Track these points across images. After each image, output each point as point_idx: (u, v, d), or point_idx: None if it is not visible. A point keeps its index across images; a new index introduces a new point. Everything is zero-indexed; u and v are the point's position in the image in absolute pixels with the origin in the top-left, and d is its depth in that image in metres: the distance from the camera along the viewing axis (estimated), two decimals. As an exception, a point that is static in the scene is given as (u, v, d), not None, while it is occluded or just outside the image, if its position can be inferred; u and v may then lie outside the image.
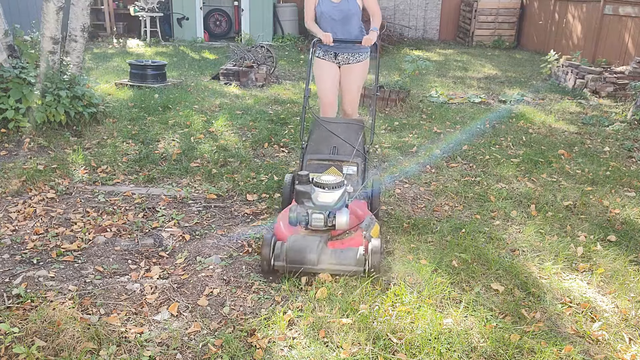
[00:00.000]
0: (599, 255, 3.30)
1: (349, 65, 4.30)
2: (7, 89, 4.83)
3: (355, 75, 4.32)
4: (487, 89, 8.33)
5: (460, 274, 3.01)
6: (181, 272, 3.01)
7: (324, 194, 2.90)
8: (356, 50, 4.23)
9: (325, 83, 4.36)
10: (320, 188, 2.93)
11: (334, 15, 4.08)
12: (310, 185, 2.96)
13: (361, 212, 3.30)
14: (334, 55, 4.29)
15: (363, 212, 3.30)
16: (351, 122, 3.76)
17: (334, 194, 2.90)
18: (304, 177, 2.96)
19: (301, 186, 2.95)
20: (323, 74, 4.36)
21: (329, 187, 2.92)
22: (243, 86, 7.86)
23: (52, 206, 3.76)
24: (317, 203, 2.90)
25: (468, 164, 4.90)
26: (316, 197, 2.90)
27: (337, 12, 4.08)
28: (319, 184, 2.95)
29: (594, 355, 2.41)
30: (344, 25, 4.14)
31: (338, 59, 4.30)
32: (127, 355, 2.31)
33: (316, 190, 2.93)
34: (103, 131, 5.34)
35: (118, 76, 8.16)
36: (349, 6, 4.10)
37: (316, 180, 2.96)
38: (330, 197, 2.90)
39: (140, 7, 12.14)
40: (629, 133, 5.93)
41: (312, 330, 2.50)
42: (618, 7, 9.23)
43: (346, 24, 4.14)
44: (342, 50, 4.24)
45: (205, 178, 4.35)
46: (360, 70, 4.33)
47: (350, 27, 4.16)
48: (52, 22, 5.10)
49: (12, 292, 2.71)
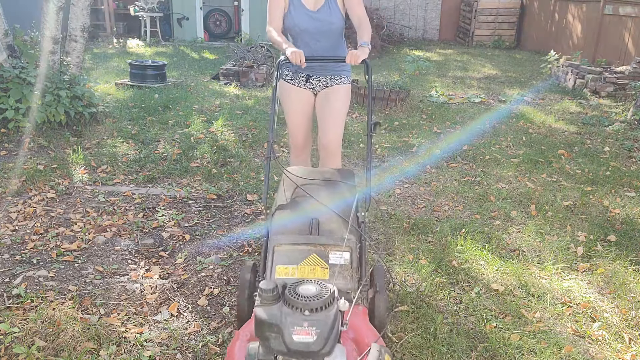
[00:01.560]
0: (599, 255, 3.30)
1: (328, 89, 3.17)
2: (7, 89, 4.83)
3: (337, 102, 3.15)
4: (487, 89, 8.33)
5: (460, 274, 3.02)
6: (181, 272, 3.02)
7: (302, 328, 1.70)
8: (337, 71, 3.16)
9: (295, 117, 3.25)
10: (297, 311, 1.72)
11: (310, 27, 3.00)
12: (279, 304, 1.75)
13: (363, 337, 2.03)
14: (305, 78, 3.18)
15: (366, 336, 2.04)
16: (337, 176, 2.70)
17: (318, 323, 1.70)
18: (270, 294, 1.74)
19: (265, 310, 1.73)
20: (292, 104, 3.23)
21: (310, 309, 1.71)
22: (243, 86, 7.86)
23: (52, 206, 3.76)
24: (291, 346, 1.69)
25: (468, 164, 4.90)
26: (290, 334, 1.69)
27: (313, 23, 3.00)
28: (293, 303, 1.72)
29: (594, 355, 2.41)
30: (322, 42, 3.06)
31: (312, 83, 3.18)
32: (127, 355, 2.31)
33: (288, 319, 1.71)
34: (103, 131, 5.34)
35: (118, 76, 8.17)
36: (331, 17, 3.00)
37: (288, 295, 1.75)
38: (313, 330, 1.70)
39: (140, 7, 12.14)
40: (629, 133, 5.93)
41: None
42: (618, 7, 9.23)
43: (325, 39, 3.06)
44: (317, 73, 3.14)
45: (205, 178, 4.35)
46: (343, 93, 3.18)
47: (330, 44, 3.08)
48: (52, 22, 5.10)
49: (12, 292, 2.71)
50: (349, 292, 2.11)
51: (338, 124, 3.16)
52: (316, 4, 3.01)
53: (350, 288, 2.12)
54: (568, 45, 10.91)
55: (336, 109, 3.15)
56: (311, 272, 2.13)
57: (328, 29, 3.02)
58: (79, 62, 5.60)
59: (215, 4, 13.28)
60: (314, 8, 3.01)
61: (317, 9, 3.00)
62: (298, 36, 3.04)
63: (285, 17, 3.03)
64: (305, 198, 2.47)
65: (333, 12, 3.01)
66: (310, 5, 3.02)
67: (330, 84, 3.17)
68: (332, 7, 3.01)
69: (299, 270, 2.13)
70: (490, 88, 8.43)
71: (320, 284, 1.80)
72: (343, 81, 3.18)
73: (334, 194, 2.51)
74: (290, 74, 3.19)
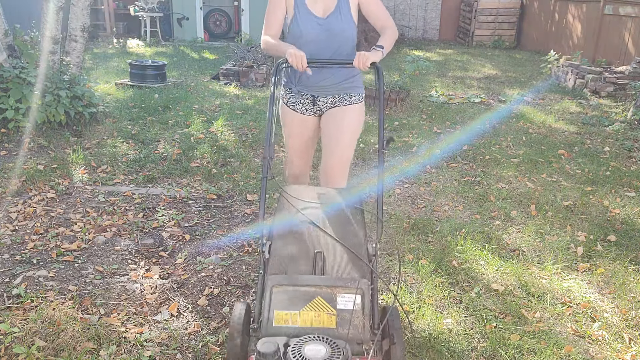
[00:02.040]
0: (599, 255, 3.30)
1: (336, 109, 2.76)
2: (7, 89, 4.83)
3: (346, 125, 2.73)
4: (487, 89, 8.33)
5: (460, 274, 3.02)
6: (181, 272, 3.02)
7: None
8: (346, 89, 2.74)
9: (295, 141, 2.89)
10: None
11: (318, 36, 2.63)
12: None
13: None
14: (311, 100, 2.76)
15: None
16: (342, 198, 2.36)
17: None
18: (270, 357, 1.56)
19: None
20: (293, 127, 2.86)
21: None
22: (243, 86, 7.86)
23: (52, 206, 3.76)
24: None
25: (468, 164, 4.90)
26: None
27: (323, 32, 2.62)
28: None
29: (594, 355, 2.41)
30: (331, 52, 2.66)
31: (318, 105, 2.77)
32: (127, 355, 2.31)
33: None
34: (103, 131, 5.34)
35: (118, 76, 8.16)
36: (342, 24, 2.62)
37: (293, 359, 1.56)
38: None
39: (140, 7, 12.14)
40: (629, 133, 5.93)
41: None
42: (618, 7, 9.23)
43: (334, 49, 2.65)
44: (324, 92, 2.73)
45: (205, 178, 4.35)
46: (354, 115, 2.76)
47: (339, 53, 2.68)
48: (52, 22, 5.10)
49: (12, 292, 2.71)
50: (361, 343, 1.80)
51: (344, 145, 2.73)
52: (325, 11, 2.64)
53: (362, 339, 1.80)
54: (568, 45, 10.91)
55: (345, 140, 2.73)
56: (316, 319, 1.83)
57: (339, 38, 2.64)
58: (79, 62, 5.60)
59: (215, 4, 13.28)
60: (323, 15, 2.64)
61: (326, 16, 2.63)
62: (304, 47, 2.56)
63: (290, 24, 2.66)
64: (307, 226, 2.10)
65: (344, 19, 2.63)
66: (319, 11, 2.64)
67: (339, 104, 2.76)
68: (343, 13, 2.63)
69: (301, 316, 1.82)
70: (490, 88, 8.43)
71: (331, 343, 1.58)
72: (354, 100, 2.77)
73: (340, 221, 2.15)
74: (293, 98, 2.78)
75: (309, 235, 2.07)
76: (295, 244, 2.05)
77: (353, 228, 2.13)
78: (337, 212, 2.22)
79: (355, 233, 2.10)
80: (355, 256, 1.98)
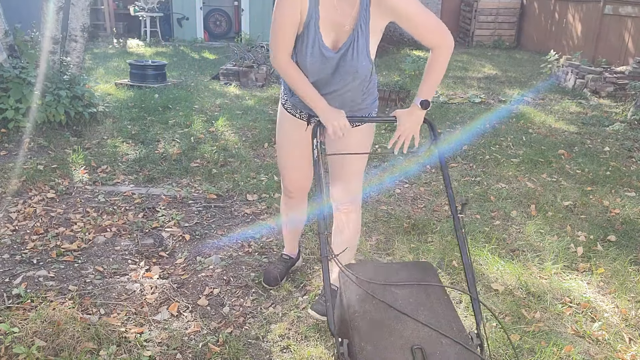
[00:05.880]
0: (599, 255, 3.30)
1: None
2: (7, 89, 4.82)
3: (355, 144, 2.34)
4: (487, 89, 8.33)
5: (460, 274, 3.02)
6: (181, 272, 3.02)
7: None
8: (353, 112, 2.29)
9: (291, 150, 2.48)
10: None
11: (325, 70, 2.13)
12: None
13: None
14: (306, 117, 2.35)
15: None
16: (416, 273, 1.90)
17: None
18: None
19: None
20: (287, 134, 2.46)
21: None
22: (243, 86, 7.86)
23: (52, 206, 3.76)
24: None
25: (468, 164, 4.90)
26: None
27: (329, 68, 2.13)
28: None
29: (594, 355, 2.41)
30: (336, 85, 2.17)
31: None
32: (127, 355, 2.31)
33: None
34: (103, 131, 5.34)
35: (118, 76, 8.16)
36: (355, 63, 2.09)
37: None
38: None
39: (140, 7, 12.14)
40: (629, 133, 5.93)
41: (311, 331, 2.51)
42: (618, 7, 9.23)
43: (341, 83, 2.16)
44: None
45: (205, 178, 4.35)
46: (365, 133, 2.39)
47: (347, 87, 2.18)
48: (52, 22, 5.10)
49: (12, 292, 2.71)
50: None
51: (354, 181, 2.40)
52: (336, 43, 2.10)
53: None
54: (568, 45, 10.91)
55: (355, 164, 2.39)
56: None
57: (349, 77, 2.13)
58: (79, 62, 5.60)
59: (215, 4, 13.28)
60: (333, 47, 2.10)
61: (337, 50, 2.09)
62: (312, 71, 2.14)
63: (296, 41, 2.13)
64: (390, 313, 1.69)
65: (360, 56, 2.07)
66: (329, 41, 2.09)
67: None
68: (358, 48, 2.06)
69: None
70: (490, 88, 8.43)
71: None
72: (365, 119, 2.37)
73: (428, 305, 1.74)
74: (292, 105, 2.36)
75: (398, 328, 1.65)
76: (384, 339, 1.61)
77: (446, 311, 1.73)
78: (419, 292, 1.81)
79: (452, 317, 1.71)
80: (466, 349, 1.59)
